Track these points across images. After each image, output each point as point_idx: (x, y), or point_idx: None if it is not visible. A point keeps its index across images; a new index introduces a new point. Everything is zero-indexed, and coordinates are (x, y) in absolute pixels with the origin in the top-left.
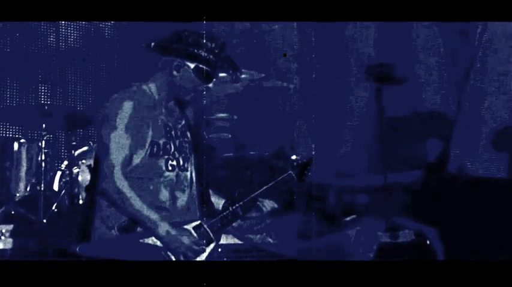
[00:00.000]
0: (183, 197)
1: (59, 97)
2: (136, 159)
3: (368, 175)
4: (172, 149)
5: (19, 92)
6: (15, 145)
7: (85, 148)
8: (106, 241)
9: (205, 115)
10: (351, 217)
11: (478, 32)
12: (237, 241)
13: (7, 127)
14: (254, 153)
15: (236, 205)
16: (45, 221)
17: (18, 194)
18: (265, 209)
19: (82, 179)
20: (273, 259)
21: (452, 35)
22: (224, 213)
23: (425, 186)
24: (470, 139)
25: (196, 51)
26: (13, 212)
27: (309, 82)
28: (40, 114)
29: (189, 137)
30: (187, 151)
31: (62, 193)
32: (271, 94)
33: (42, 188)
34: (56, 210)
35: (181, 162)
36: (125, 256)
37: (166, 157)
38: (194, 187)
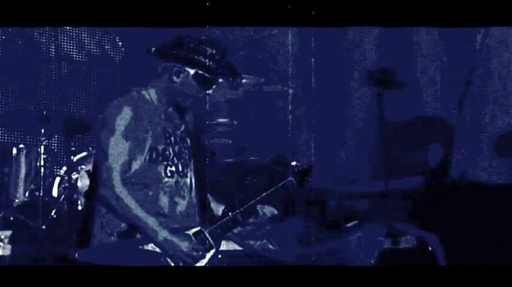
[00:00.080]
0: (183, 203)
1: (58, 102)
2: (135, 165)
3: (369, 181)
4: (171, 155)
5: (18, 98)
6: (13, 151)
7: (84, 154)
8: (105, 247)
9: (205, 120)
10: (352, 223)
11: (480, 37)
12: (237, 247)
13: (6, 133)
14: (254, 158)
15: (236, 211)
16: (44, 227)
17: (16, 200)
18: (265, 215)
19: (81, 185)
20: (273, 265)
21: (453, 40)
22: (224, 219)
23: (426, 192)
24: (471, 145)
25: (196, 57)
26: (12, 218)
27: (310, 87)
28: (39, 119)
29: (189, 143)
30: (186, 157)
31: (61, 199)
32: (271, 99)
33: (41, 194)
34: (55, 216)
35: (180, 168)
36: (124, 262)
37: (165, 163)
38: (194, 193)
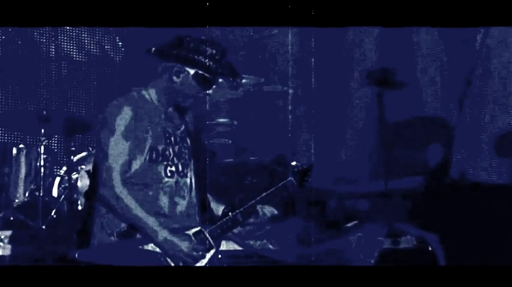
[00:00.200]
0: (183, 203)
1: (58, 102)
2: (135, 165)
3: (369, 181)
4: (171, 155)
5: (18, 97)
6: (13, 151)
7: (84, 154)
8: (105, 247)
9: (205, 120)
10: (352, 223)
11: (480, 37)
12: (237, 247)
13: (6, 133)
14: (254, 158)
15: (236, 211)
16: (44, 227)
17: (16, 200)
18: (265, 215)
19: (81, 185)
20: (273, 265)
21: (453, 40)
22: (224, 219)
23: (426, 192)
24: (472, 145)
25: (196, 57)
26: (12, 218)
27: (310, 87)
28: (39, 119)
29: (189, 143)
30: (186, 157)
31: (61, 199)
32: (271, 99)
33: (41, 194)
34: (55, 216)
35: (180, 168)
36: (124, 263)
37: (165, 163)
38: (194, 193)
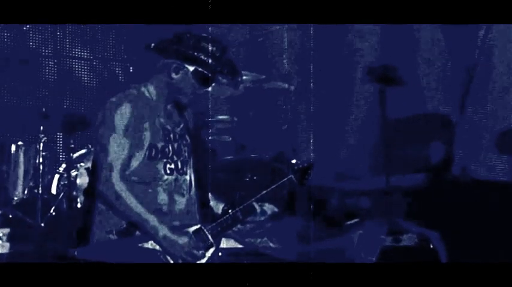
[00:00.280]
0: (182, 200)
1: (57, 99)
2: (134, 162)
3: (370, 178)
4: (171, 152)
5: (16, 94)
6: (12, 148)
7: (83, 151)
8: (104, 245)
9: (205, 117)
10: (354, 221)
11: (482, 34)
12: (238, 245)
13: (4, 129)
14: (255, 156)
15: (236, 209)
16: (43, 224)
17: (15, 197)
18: (265, 213)
19: (80, 182)
20: (274, 262)
21: (455, 37)
22: (224, 217)
23: (428, 189)
24: (473, 141)
25: (196, 54)
26: (10, 215)
27: (310, 84)
28: (38, 116)
29: (188, 140)
30: (186, 154)
31: (60, 196)
32: (271, 96)
33: (40, 191)
34: (54, 213)
35: (179, 165)
36: (124, 260)
37: (164, 161)
38: (193, 191)
